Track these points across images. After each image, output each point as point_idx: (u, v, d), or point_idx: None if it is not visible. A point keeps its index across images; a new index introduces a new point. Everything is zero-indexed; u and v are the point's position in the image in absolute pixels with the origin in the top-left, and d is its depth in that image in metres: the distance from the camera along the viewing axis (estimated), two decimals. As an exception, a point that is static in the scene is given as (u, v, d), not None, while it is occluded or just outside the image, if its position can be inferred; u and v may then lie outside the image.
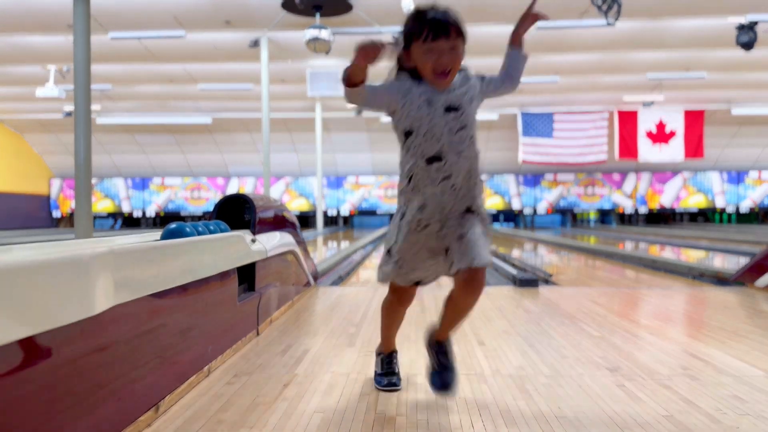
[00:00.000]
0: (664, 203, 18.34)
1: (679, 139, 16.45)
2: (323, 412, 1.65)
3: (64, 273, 1.20)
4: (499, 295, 3.84)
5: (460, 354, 2.28)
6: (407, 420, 1.58)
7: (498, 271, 5.60)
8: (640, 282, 5.09)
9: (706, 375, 1.97)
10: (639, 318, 3.07)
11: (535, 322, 2.92)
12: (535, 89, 13.86)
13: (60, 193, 19.11)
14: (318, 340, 2.54)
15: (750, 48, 8.37)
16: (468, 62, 1.75)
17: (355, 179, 18.74)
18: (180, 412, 1.64)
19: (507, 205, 18.52)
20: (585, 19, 8.80)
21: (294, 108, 15.73)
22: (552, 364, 2.11)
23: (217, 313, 2.16)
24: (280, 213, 3.66)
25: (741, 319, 2.97)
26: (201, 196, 18.97)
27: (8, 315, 1.02)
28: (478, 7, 8.24)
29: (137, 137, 17.58)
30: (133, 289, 1.48)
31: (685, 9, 8.55)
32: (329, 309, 3.37)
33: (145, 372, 1.57)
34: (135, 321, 1.53)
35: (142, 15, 8.73)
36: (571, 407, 1.66)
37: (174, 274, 1.74)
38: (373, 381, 1.92)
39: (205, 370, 1.97)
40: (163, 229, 2.29)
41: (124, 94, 13.97)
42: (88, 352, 1.30)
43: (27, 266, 1.09)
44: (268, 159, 10.20)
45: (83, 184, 5.11)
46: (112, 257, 1.39)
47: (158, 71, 11.90)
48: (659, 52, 10.89)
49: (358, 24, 8.98)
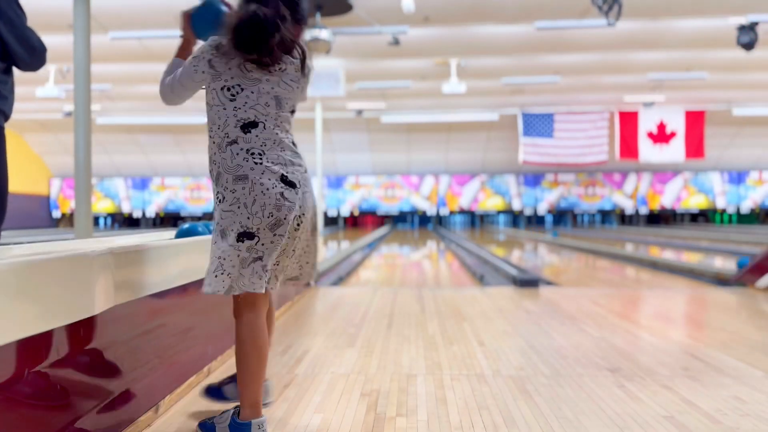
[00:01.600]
0: (665, 204, 18.34)
1: (680, 140, 16.44)
2: (323, 412, 1.65)
3: (64, 273, 1.20)
4: (500, 295, 3.84)
5: (460, 354, 2.28)
6: (407, 420, 1.58)
7: (498, 272, 5.59)
8: (641, 283, 5.08)
9: (707, 376, 1.97)
10: (639, 319, 3.06)
11: (536, 322, 2.92)
12: (536, 89, 13.85)
13: (60, 193, 19.12)
14: (318, 341, 2.54)
15: (751, 48, 8.36)
16: (469, 62, 1.74)
17: (355, 179, 18.74)
18: (180, 412, 1.64)
19: (507, 205, 18.52)
20: (585, 19, 8.79)
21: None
22: (552, 364, 2.11)
23: (217, 313, 2.15)
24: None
25: (741, 320, 2.97)
26: (201, 196, 18.97)
27: (9, 315, 1.01)
28: (479, 6, 8.24)
29: (137, 137, 17.58)
30: (133, 289, 1.48)
31: (686, 9, 8.54)
32: (329, 309, 3.37)
33: (145, 372, 1.57)
34: (135, 321, 1.53)
35: (142, 15, 8.73)
36: (571, 407, 1.66)
37: (174, 274, 1.74)
38: (373, 379, 1.92)
39: (204, 371, 1.97)
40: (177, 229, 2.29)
41: (124, 94, 13.98)
42: (88, 352, 1.30)
43: (27, 266, 1.09)
44: (268, 159, 10.19)
45: (83, 184, 5.11)
46: (113, 257, 1.39)
47: (158, 71, 11.77)
48: (660, 53, 10.88)
49: (359, 24, 8.98)
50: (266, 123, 1.48)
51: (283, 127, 1.53)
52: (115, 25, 9.09)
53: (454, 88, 11.15)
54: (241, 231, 1.41)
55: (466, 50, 10.26)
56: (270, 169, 1.44)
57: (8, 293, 1.02)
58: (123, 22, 9.04)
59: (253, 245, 1.41)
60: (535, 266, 6.70)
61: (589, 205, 18.68)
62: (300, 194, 1.48)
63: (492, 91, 14.02)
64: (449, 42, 9.84)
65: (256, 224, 1.41)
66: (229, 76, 1.47)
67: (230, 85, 1.47)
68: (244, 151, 1.44)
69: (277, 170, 1.45)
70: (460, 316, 3.11)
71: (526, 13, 8.64)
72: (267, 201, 1.42)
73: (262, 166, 1.44)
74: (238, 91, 1.46)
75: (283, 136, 1.52)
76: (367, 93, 14.18)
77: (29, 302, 1.08)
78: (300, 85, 1.55)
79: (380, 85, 13.20)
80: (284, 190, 1.44)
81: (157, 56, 10.91)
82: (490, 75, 12.21)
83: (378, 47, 10.18)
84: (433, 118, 16.28)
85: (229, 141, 1.45)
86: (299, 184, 1.48)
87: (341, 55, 10.81)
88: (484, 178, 18.67)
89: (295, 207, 1.46)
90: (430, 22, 8.82)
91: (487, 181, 18.67)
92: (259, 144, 1.46)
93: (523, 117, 16.62)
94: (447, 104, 15.46)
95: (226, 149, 1.45)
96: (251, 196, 1.42)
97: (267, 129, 1.48)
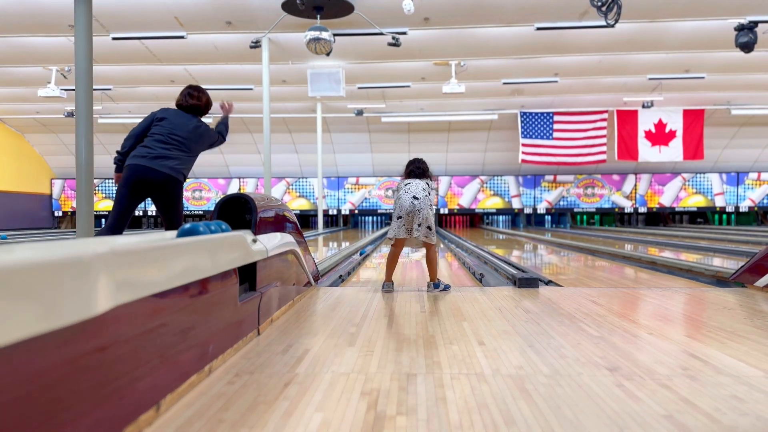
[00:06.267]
0: (664, 203, 18.35)
1: (679, 140, 16.45)
2: (324, 411, 1.66)
3: (65, 272, 1.21)
4: (499, 295, 3.85)
5: (460, 354, 2.29)
6: (407, 420, 1.59)
7: (498, 271, 5.60)
8: (640, 282, 5.09)
9: (706, 375, 1.98)
10: (638, 318, 3.07)
11: (535, 322, 2.93)
12: (535, 90, 13.87)
13: (62, 193, 19.14)
14: (318, 340, 2.55)
15: (750, 50, 8.37)
16: (469, 63, 1.76)
17: (356, 179, 18.76)
18: (181, 412, 1.65)
19: (507, 204, 18.53)
20: (585, 20, 8.81)
21: (295, 109, 15.74)
22: (552, 364, 2.12)
23: (218, 312, 2.16)
24: (281, 213, 3.67)
25: (740, 320, 2.97)
26: (202, 196, 18.99)
27: (9, 315, 1.02)
28: (479, 7, 8.25)
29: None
30: (134, 289, 1.49)
31: (685, 10, 8.56)
32: (330, 309, 3.38)
33: (146, 371, 1.58)
34: (136, 321, 1.54)
35: (143, 16, 8.74)
36: (571, 407, 1.67)
37: (175, 273, 1.75)
38: (373, 379, 1.93)
39: (206, 370, 1.98)
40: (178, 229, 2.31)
41: (126, 94, 13.99)
42: (89, 351, 1.31)
43: (28, 266, 1.10)
44: (269, 159, 10.21)
45: (84, 184, 5.12)
46: (114, 257, 1.40)
47: (159, 72, 11.91)
48: (659, 53, 10.90)
49: (359, 25, 8.99)
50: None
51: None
52: (116, 26, 9.11)
53: (453, 88, 11.16)
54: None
55: (465, 51, 10.27)
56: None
57: (8, 293, 1.03)
58: (124, 23, 9.05)
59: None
60: (534, 266, 6.71)
61: (588, 205, 18.70)
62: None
63: (492, 91, 14.03)
64: (449, 43, 9.86)
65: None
66: None
67: None
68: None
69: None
70: (460, 315, 3.12)
71: (525, 15, 8.65)
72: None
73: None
74: None
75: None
76: (367, 93, 14.19)
77: (29, 302, 1.08)
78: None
79: (380, 85, 13.21)
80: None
81: (158, 57, 10.93)
82: (490, 76, 12.22)
83: (378, 48, 10.19)
84: (434, 118, 16.29)
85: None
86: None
87: (342, 56, 10.83)
88: (483, 178, 18.69)
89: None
90: (430, 24, 8.83)
91: (486, 181, 18.68)
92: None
93: (523, 117, 16.64)
94: (447, 104, 15.47)
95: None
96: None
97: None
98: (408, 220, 4.01)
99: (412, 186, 4.07)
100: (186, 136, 4.11)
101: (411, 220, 4.00)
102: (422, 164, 4.25)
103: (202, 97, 4.29)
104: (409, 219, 4.01)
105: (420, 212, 3.97)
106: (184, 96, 4.27)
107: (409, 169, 4.24)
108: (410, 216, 3.99)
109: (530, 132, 16.49)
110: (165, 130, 4.07)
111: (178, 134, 4.08)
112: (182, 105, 4.25)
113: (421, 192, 4.03)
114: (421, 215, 3.97)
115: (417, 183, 4.09)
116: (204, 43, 10.03)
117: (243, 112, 16.31)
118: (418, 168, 4.21)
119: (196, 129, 4.19)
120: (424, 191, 4.04)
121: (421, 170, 4.20)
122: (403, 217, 4.02)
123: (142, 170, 3.95)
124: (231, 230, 2.62)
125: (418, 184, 4.08)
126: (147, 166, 3.96)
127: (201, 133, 4.21)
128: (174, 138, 4.06)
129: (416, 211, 3.98)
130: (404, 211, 4.01)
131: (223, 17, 8.81)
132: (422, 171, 4.20)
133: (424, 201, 4.00)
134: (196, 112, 4.27)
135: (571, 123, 16.44)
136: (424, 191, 4.04)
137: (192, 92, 4.28)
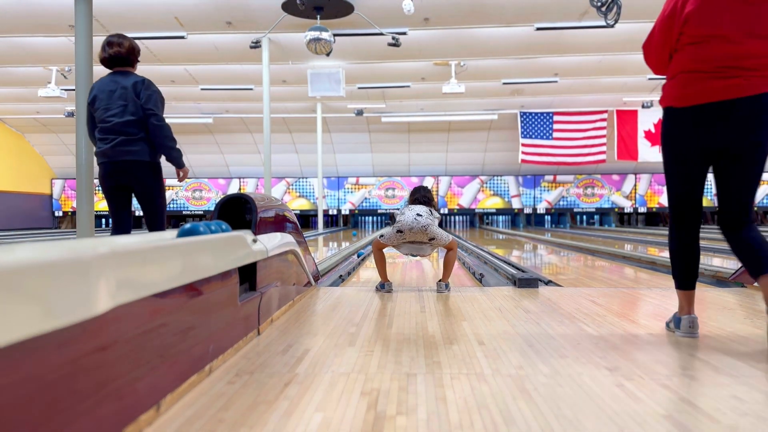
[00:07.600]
0: (664, 203, 18.36)
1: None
2: (324, 411, 1.66)
3: (66, 272, 1.21)
4: (499, 295, 3.85)
5: (460, 354, 2.29)
6: (407, 420, 1.59)
7: (498, 271, 5.60)
8: (640, 282, 5.09)
9: (705, 375, 1.98)
10: (638, 318, 3.07)
11: (535, 322, 2.93)
12: (535, 90, 13.87)
13: (62, 193, 19.15)
14: (319, 340, 2.55)
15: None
16: (468, 63, 1.76)
17: (356, 180, 18.76)
18: (181, 411, 1.65)
19: (507, 204, 18.54)
20: (585, 20, 8.81)
21: (295, 109, 15.74)
22: (552, 364, 2.12)
23: (219, 312, 2.16)
24: (281, 213, 3.67)
25: (740, 320, 2.97)
26: (203, 196, 18.99)
27: (9, 315, 1.02)
28: (478, 7, 8.25)
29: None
30: (134, 289, 1.49)
31: (685, 10, 8.55)
32: (330, 309, 3.38)
33: (146, 371, 1.58)
34: (136, 321, 1.54)
35: (143, 16, 8.75)
36: (571, 407, 1.67)
37: (175, 274, 1.75)
38: (373, 378, 1.93)
39: (206, 370, 1.98)
40: (178, 229, 2.31)
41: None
42: (89, 351, 1.31)
43: (28, 266, 1.10)
44: (269, 159, 10.21)
45: (85, 184, 5.12)
46: (114, 257, 1.40)
47: (159, 72, 11.91)
48: (659, 53, 10.89)
49: (359, 25, 9.00)
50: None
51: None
52: (116, 26, 9.10)
53: (453, 88, 11.17)
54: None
55: (465, 51, 10.27)
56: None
57: (8, 293, 1.03)
58: (124, 24, 9.05)
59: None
60: (534, 266, 6.71)
61: (587, 205, 18.70)
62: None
63: (492, 91, 14.03)
64: (449, 43, 9.86)
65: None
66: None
67: None
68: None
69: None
70: (460, 315, 3.12)
71: (525, 15, 8.65)
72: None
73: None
74: None
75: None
76: (367, 93, 14.19)
77: (30, 302, 1.08)
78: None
79: (380, 85, 13.20)
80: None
81: (158, 57, 10.93)
82: (490, 76, 12.22)
83: (378, 48, 10.18)
84: (433, 118, 16.29)
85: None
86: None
87: (342, 56, 10.83)
88: (483, 178, 18.69)
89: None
90: (430, 24, 8.83)
91: (486, 182, 18.69)
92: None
93: (522, 117, 16.63)
94: (447, 104, 15.46)
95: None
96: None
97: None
98: (410, 235, 3.96)
99: (416, 208, 4.06)
100: (121, 109, 3.61)
101: (414, 235, 3.95)
102: (428, 193, 4.22)
103: (124, 42, 3.72)
104: (411, 234, 3.95)
105: (427, 228, 3.93)
106: (103, 47, 3.71)
107: (414, 197, 4.21)
108: (412, 231, 3.94)
109: (530, 132, 16.49)
110: (100, 115, 3.68)
111: (113, 111, 3.63)
112: (105, 60, 3.71)
113: (425, 212, 4.01)
114: (428, 230, 3.94)
115: (421, 207, 4.08)
116: (204, 43, 10.03)
117: (243, 112, 16.31)
118: (423, 197, 4.18)
119: (126, 91, 3.61)
120: (427, 212, 4.02)
121: (427, 199, 4.17)
122: (404, 231, 3.95)
123: (104, 166, 3.74)
124: (231, 230, 2.62)
125: (421, 208, 4.06)
126: (106, 161, 3.71)
127: (138, 92, 3.64)
128: (111, 119, 3.63)
129: (421, 227, 3.92)
130: (406, 227, 3.95)
131: (223, 17, 8.82)
132: (427, 200, 4.17)
133: (428, 218, 3.98)
134: (120, 63, 3.72)
135: (571, 123, 16.44)
136: (427, 212, 4.02)
137: (111, 40, 3.71)
